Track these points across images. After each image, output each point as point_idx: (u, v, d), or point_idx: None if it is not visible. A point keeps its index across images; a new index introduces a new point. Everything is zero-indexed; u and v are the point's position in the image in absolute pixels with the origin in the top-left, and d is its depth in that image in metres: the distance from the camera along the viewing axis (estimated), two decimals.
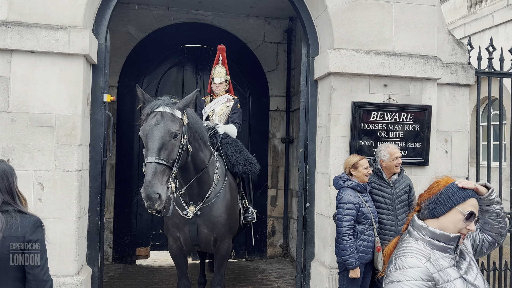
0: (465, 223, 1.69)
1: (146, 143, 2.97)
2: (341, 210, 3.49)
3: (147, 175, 2.83)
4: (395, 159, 3.69)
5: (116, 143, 6.27)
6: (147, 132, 2.98)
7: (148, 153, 2.91)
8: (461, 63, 4.50)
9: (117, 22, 6.16)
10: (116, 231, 6.26)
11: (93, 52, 3.85)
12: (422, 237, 1.72)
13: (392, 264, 1.68)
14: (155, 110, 3.04)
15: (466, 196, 1.71)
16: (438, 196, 1.75)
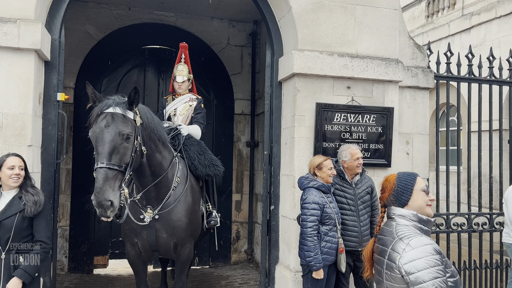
0: (427, 196, 1.98)
1: (96, 146, 2.80)
2: (305, 211, 3.43)
3: (97, 181, 2.68)
4: (356, 160, 3.69)
5: (73, 147, 5.97)
6: (97, 135, 2.81)
7: (98, 157, 2.75)
8: (421, 67, 4.60)
9: (75, 21, 5.91)
10: (72, 239, 5.94)
11: (45, 47, 3.63)
12: (412, 223, 1.92)
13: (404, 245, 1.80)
14: (105, 111, 2.87)
15: (414, 177, 2.01)
16: (396, 188, 1.99)
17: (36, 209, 2.86)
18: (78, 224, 5.95)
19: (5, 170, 2.87)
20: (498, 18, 8.76)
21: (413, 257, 1.76)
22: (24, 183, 2.94)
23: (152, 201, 3.43)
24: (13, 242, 2.80)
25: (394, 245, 1.85)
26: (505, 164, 5.05)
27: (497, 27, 8.80)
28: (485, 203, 5.80)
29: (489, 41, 8.79)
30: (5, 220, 2.80)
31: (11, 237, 2.80)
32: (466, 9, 9.73)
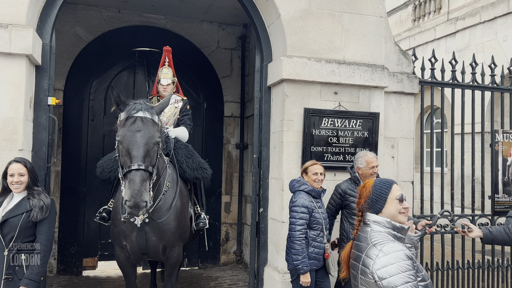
0: (400, 205, 2.02)
1: (128, 149, 2.87)
2: (294, 214, 3.44)
3: (134, 183, 2.75)
4: (371, 168, 3.67)
5: (62, 149, 5.97)
6: (130, 138, 2.88)
7: (132, 160, 2.83)
8: (406, 73, 4.73)
9: (65, 23, 5.91)
10: (62, 241, 5.95)
11: (36, 52, 3.65)
12: (386, 229, 1.97)
13: (377, 251, 1.87)
14: (134, 115, 2.95)
15: (390, 185, 2.06)
16: (371, 196, 2.05)
17: (42, 215, 2.96)
18: (67, 226, 5.96)
19: (8, 177, 2.98)
20: (482, 23, 8.98)
21: (385, 263, 1.82)
22: (29, 187, 3.01)
23: None
24: (16, 241, 2.89)
25: (367, 251, 1.92)
26: (487, 166, 5.21)
27: (481, 32, 9.01)
28: (468, 204, 5.97)
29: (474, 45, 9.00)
30: (12, 218, 2.89)
31: (15, 236, 2.89)
32: (452, 13, 9.94)
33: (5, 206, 2.95)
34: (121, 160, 2.92)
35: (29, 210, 2.94)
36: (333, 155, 4.25)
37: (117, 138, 2.95)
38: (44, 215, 2.97)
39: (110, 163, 3.90)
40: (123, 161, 2.89)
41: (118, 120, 3.05)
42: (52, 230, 3.11)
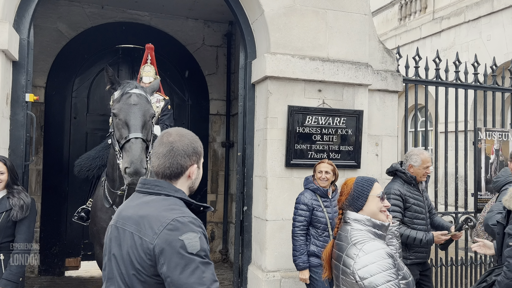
0: (381, 202, 2.02)
1: (126, 120, 2.88)
2: (295, 211, 3.53)
3: (135, 149, 2.74)
4: (425, 168, 3.45)
5: (44, 147, 5.86)
6: (127, 110, 2.90)
7: (130, 129, 2.84)
8: (390, 71, 4.73)
9: (46, 19, 5.80)
10: (43, 241, 5.84)
11: (13, 47, 3.56)
12: (366, 227, 1.96)
13: (357, 251, 1.85)
14: (130, 91, 2.99)
15: (371, 183, 2.05)
16: (352, 193, 2.04)
17: (23, 214, 2.94)
18: (49, 226, 5.85)
19: None
20: (467, 23, 9.06)
21: (366, 262, 1.80)
22: (9, 186, 3.00)
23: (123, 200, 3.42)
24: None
25: (348, 251, 1.89)
26: (470, 164, 5.25)
27: (466, 31, 9.10)
28: (451, 202, 6.01)
29: (458, 44, 9.08)
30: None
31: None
32: (437, 13, 10.02)
33: None
34: (116, 134, 2.91)
35: (8, 209, 2.90)
36: (317, 153, 4.23)
37: (114, 111, 2.95)
38: (24, 214, 2.94)
39: (88, 162, 3.85)
40: (119, 134, 2.88)
41: (112, 99, 3.08)
42: (32, 230, 3.08)
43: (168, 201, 1.46)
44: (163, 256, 1.34)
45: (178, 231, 1.36)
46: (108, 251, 1.51)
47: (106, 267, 1.51)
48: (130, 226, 1.44)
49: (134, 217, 1.45)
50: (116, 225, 1.51)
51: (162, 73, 5.11)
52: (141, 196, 1.52)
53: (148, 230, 1.38)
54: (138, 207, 1.48)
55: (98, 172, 3.90)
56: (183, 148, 1.52)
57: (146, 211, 1.43)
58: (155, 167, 1.52)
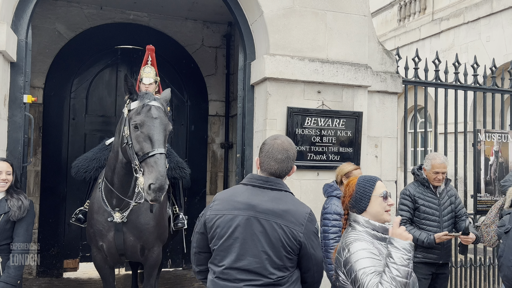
0: (385, 202, 1.99)
1: (149, 134, 2.86)
2: (327, 222, 3.25)
3: (160, 165, 2.74)
4: (435, 174, 3.54)
5: (42, 148, 5.85)
6: (150, 124, 2.89)
7: (154, 144, 2.82)
8: (390, 72, 4.72)
9: (44, 19, 5.78)
10: (42, 243, 5.81)
11: (11, 48, 3.54)
12: (365, 228, 1.96)
13: (345, 251, 1.90)
14: (149, 104, 2.97)
15: (373, 182, 2.02)
16: (355, 194, 2.01)
17: (20, 214, 2.94)
18: (47, 227, 5.83)
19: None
20: (466, 24, 9.06)
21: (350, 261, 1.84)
22: (10, 187, 3.02)
23: (121, 203, 3.41)
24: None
25: (340, 252, 1.93)
26: (470, 165, 5.24)
27: (465, 32, 9.10)
28: None
29: (457, 46, 9.08)
30: None
31: None
32: (436, 14, 10.02)
33: None
34: (136, 146, 2.86)
35: (7, 211, 2.90)
36: (317, 155, 4.22)
37: (135, 123, 2.90)
38: (22, 214, 2.94)
39: (85, 163, 3.83)
40: (139, 147, 2.85)
41: (127, 109, 3.03)
42: (30, 232, 3.08)
43: (291, 197, 1.98)
44: (309, 241, 1.90)
45: (313, 221, 1.95)
46: (238, 235, 1.89)
47: (232, 248, 1.88)
48: (276, 218, 1.87)
49: (277, 211, 1.88)
50: (257, 217, 1.88)
51: (161, 74, 5.09)
52: (264, 191, 1.94)
53: (296, 222, 1.88)
54: (275, 202, 1.91)
55: (96, 174, 3.88)
56: (293, 154, 2.01)
57: (286, 206, 1.90)
58: (274, 169, 1.96)
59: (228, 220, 1.90)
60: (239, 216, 1.88)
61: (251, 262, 1.84)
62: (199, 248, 2.03)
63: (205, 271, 2.03)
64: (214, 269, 1.93)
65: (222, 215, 1.92)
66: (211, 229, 1.93)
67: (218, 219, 1.92)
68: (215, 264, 1.92)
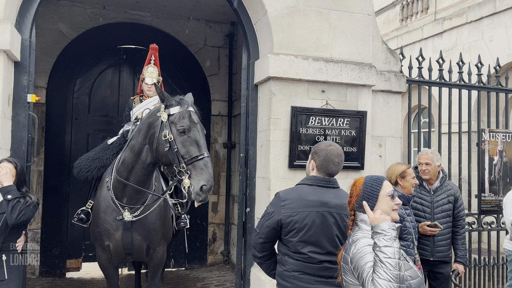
0: (392, 201, 2.01)
1: (196, 139, 3.00)
2: None
3: (209, 168, 2.94)
4: (419, 166, 3.66)
5: (45, 148, 5.84)
6: (195, 129, 3.04)
7: (201, 149, 2.99)
8: (394, 71, 4.70)
9: (47, 19, 5.78)
10: (44, 242, 5.81)
11: (15, 48, 3.53)
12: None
13: (352, 248, 1.92)
14: (189, 109, 3.11)
15: (380, 182, 2.04)
16: (362, 194, 2.02)
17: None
18: (50, 227, 5.83)
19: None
20: (469, 23, 9.03)
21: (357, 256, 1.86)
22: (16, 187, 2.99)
23: (134, 202, 3.40)
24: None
25: (347, 249, 1.94)
26: (474, 165, 5.22)
27: (468, 32, 9.06)
28: None
29: (460, 45, 9.05)
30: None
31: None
32: (439, 13, 9.99)
33: None
34: (182, 150, 2.95)
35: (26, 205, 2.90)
36: None
37: (181, 128, 2.99)
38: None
39: (87, 163, 3.82)
40: (185, 151, 2.95)
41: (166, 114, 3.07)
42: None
43: (344, 192, 2.36)
44: None
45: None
46: (316, 228, 2.32)
47: (309, 236, 2.33)
48: (342, 210, 2.30)
49: (341, 205, 2.28)
50: (330, 212, 2.33)
51: (163, 73, 5.08)
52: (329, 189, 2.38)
53: None
54: (338, 198, 2.35)
55: (98, 173, 3.87)
56: (343, 158, 2.45)
57: (345, 200, 2.21)
58: (332, 171, 2.41)
59: (305, 216, 2.31)
60: (313, 212, 2.32)
61: (328, 246, 2.30)
62: (267, 239, 2.42)
63: (267, 256, 2.49)
64: (296, 255, 2.33)
65: (297, 212, 2.32)
66: (288, 224, 2.32)
67: (295, 215, 2.31)
68: (298, 252, 2.32)
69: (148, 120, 3.27)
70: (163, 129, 3.05)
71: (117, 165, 3.42)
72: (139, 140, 3.30)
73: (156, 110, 3.26)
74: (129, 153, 3.34)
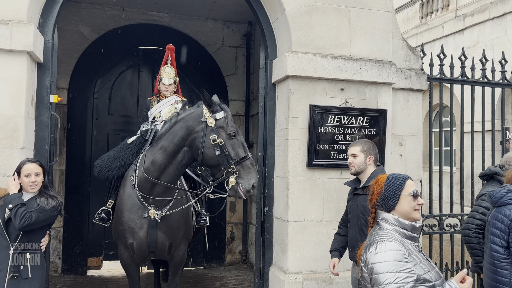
0: (415, 201, 1.95)
1: (242, 141, 3.27)
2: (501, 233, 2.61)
3: (255, 166, 3.24)
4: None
5: (67, 148, 5.95)
6: (240, 132, 3.31)
7: (246, 149, 3.26)
8: (414, 69, 4.62)
9: (68, 22, 5.89)
10: (66, 241, 5.92)
11: (38, 49, 3.61)
12: (394, 227, 1.93)
13: (372, 249, 1.86)
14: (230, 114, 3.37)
15: (403, 181, 1.98)
16: (384, 192, 1.98)
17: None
18: (71, 226, 5.93)
19: (23, 177, 2.96)
20: (491, 20, 8.83)
21: (376, 260, 1.81)
22: (41, 187, 3.03)
23: (161, 200, 3.44)
24: (21, 240, 2.88)
25: (366, 249, 1.90)
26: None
27: (490, 28, 8.86)
28: None
29: (482, 42, 8.85)
30: None
31: (21, 235, 2.88)
32: (460, 10, 9.80)
33: None
34: (232, 152, 3.17)
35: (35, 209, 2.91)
36: (340, 153, 4.16)
37: (233, 132, 3.22)
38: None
39: (108, 162, 3.85)
40: (234, 153, 3.18)
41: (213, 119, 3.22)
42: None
43: None
44: None
45: None
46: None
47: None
48: None
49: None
50: None
51: (181, 74, 5.11)
52: None
53: None
54: None
55: (118, 173, 3.91)
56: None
57: None
58: None
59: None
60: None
61: None
62: None
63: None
64: None
65: None
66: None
67: None
68: None
69: (186, 124, 3.33)
70: (210, 134, 3.20)
71: (146, 165, 3.43)
72: (175, 142, 3.35)
73: (195, 114, 3.35)
74: (162, 154, 3.37)
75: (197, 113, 3.33)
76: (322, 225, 4.10)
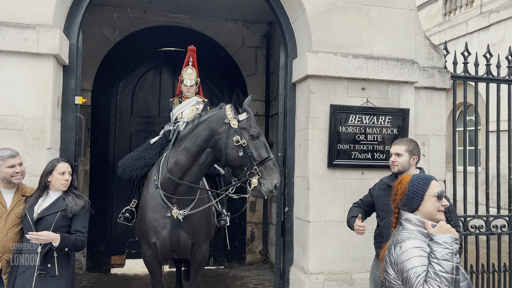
0: (439, 202, 1.94)
1: (265, 142, 3.28)
2: None
3: (277, 166, 3.23)
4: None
5: (91, 148, 6.08)
6: (262, 133, 3.33)
7: (268, 150, 3.26)
8: (437, 67, 4.54)
9: (92, 24, 6.02)
10: (90, 239, 6.03)
11: (64, 52, 3.71)
12: (417, 227, 1.92)
13: (397, 249, 1.86)
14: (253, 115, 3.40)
15: (428, 181, 1.96)
16: (407, 192, 1.96)
17: (76, 210, 3.03)
18: (95, 224, 6.04)
19: (56, 175, 3.03)
20: None
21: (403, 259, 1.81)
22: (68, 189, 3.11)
23: (184, 200, 3.48)
24: None
25: (390, 249, 1.90)
26: None
27: None
28: (504, 205, 5.69)
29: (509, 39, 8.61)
30: (48, 216, 2.96)
31: None
32: (485, 6, 9.56)
33: (41, 204, 3.00)
34: (255, 153, 3.19)
35: (64, 209, 2.99)
36: (361, 153, 4.13)
37: (256, 133, 3.23)
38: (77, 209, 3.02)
39: (131, 162, 3.92)
40: (257, 154, 3.19)
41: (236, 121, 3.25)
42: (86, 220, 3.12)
43: None
44: None
45: None
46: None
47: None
48: None
49: None
50: None
51: (202, 74, 5.16)
52: None
53: None
54: None
55: (141, 173, 3.97)
56: None
57: None
58: None
59: None
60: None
61: None
62: None
63: None
64: None
65: None
66: None
67: None
68: None
69: (209, 126, 3.36)
70: (233, 135, 3.21)
71: (169, 165, 3.48)
72: (198, 143, 3.38)
73: (218, 116, 3.36)
74: (185, 155, 3.41)
75: (220, 115, 3.35)
76: (343, 225, 4.06)
